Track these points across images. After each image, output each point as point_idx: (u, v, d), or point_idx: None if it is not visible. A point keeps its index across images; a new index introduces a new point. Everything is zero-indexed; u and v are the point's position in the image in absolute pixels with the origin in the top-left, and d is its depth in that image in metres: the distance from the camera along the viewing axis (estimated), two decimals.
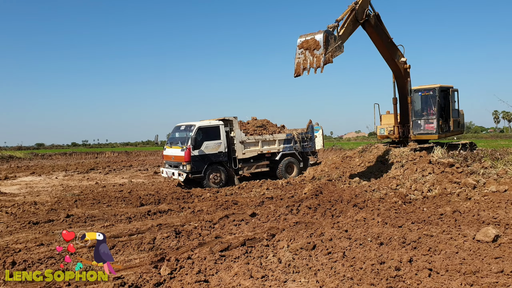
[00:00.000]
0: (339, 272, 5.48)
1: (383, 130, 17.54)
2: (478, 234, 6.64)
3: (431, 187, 11.35)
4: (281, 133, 16.88)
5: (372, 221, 8.17)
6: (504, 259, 5.59)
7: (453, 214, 8.44)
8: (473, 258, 5.72)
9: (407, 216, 8.54)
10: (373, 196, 11.05)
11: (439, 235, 6.96)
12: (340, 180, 13.88)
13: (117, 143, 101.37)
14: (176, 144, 15.08)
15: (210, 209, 10.59)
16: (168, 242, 7.54)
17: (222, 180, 15.01)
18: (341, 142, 61.16)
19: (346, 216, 8.84)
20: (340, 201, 10.50)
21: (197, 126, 14.67)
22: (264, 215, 9.36)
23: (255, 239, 7.43)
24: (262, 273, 5.66)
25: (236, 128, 15.42)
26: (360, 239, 6.96)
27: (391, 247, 6.48)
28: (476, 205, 9.00)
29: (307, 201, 10.61)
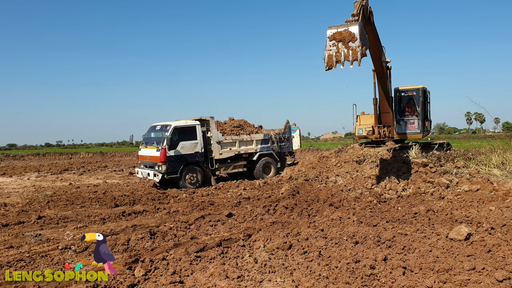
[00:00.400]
0: (315, 271, 5.47)
1: (361, 130, 17.52)
2: (451, 233, 6.73)
3: (405, 186, 11.49)
4: (258, 133, 16.85)
5: (347, 220, 8.20)
6: (476, 256, 5.68)
7: (427, 213, 8.55)
8: (446, 256, 5.79)
9: (382, 215, 8.61)
10: (349, 196, 11.11)
11: (413, 233, 7.03)
12: (317, 180, 13.93)
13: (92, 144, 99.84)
14: (152, 145, 14.88)
15: (186, 210, 10.48)
16: (143, 243, 7.41)
17: (198, 181, 14.88)
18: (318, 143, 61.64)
19: (322, 215, 8.85)
20: (316, 201, 10.52)
21: (173, 126, 14.51)
22: (241, 215, 9.31)
23: (231, 240, 7.37)
24: (238, 273, 5.60)
25: (213, 128, 15.31)
26: (336, 238, 6.97)
27: (366, 246, 6.50)
28: (449, 204, 9.14)
29: (284, 201, 10.60)
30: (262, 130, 17.47)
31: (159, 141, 14.53)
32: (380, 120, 16.52)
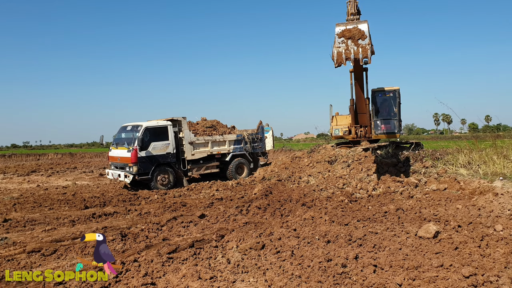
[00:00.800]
0: (287, 270, 5.49)
1: (338, 130, 17.79)
2: (420, 231, 6.88)
3: (375, 186, 11.68)
4: (231, 133, 16.82)
5: (320, 220, 8.27)
6: (444, 254, 5.81)
7: (397, 211, 8.71)
8: (415, 253, 5.91)
9: (353, 214, 8.72)
10: (321, 195, 11.21)
11: (383, 232, 7.15)
12: (290, 180, 14.01)
13: (61, 145, 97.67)
14: (122, 145, 14.64)
15: (157, 211, 10.35)
16: (114, 245, 7.29)
17: (170, 182, 14.73)
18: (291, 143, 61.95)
19: (295, 215, 8.90)
20: (289, 201, 10.58)
21: (144, 126, 14.32)
22: (214, 216, 9.27)
23: (204, 241, 7.32)
24: (211, 274, 5.57)
25: (185, 129, 15.19)
26: (308, 237, 7.02)
27: (338, 244, 6.57)
28: (418, 203, 9.33)
29: (257, 201, 10.61)
30: (235, 131, 17.44)
31: (130, 141, 14.32)
32: (357, 120, 16.74)
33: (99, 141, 17.20)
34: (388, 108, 17.08)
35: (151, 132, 14.45)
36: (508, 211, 7.74)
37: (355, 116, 16.55)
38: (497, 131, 60.11)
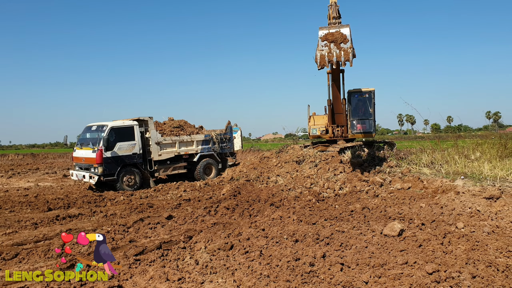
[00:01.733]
0: (256, 270, 5.49)
1: (315, 130, 18.21)
2: (385, 229, 7.02)
3: (342, 185, 11.85)
4: (199, 134, 16.68)
5: (288, 219, 8.32)
6: (409, 251, 5.96)
7: (363, 210, 8.86)
8: (381, 251, 6.03)
9: (320, 214, 8.82)
10: (289, 195, 11.28)
11: (350, 230, 7.25)
12: (258, 180, 14.04)
13: (22, 145, 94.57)
14: (87, 146, 14.30)
15: (123, 212, 10.16)
16: (79, 248, 7.12)
17: (136, 183, 14.49)
18: (259, 143, 62.12)
19: (263, 215, 8.92)
20: (257, 201, 10.59)
21: (110, 126, 14.03)
22: (181, 217, 9.17)
23: (171, 242, 7.24)
24: (179, 275, 5.52)
25: (151, 129, 14.96)
26: (277, 237, 7.05)
27: (306, 243, 6.63)
28: (383, 201, 9.53)
29: (226, 202, 10.58)
30: (203, 131, 17.32)
31: (95, 142, 14.00)
32: (334, 120, 17.00)
33: (63, 141, 16.76)
34: (364, 108, 17.53)
35: (116, 132, 14.16)
36: (469, 209, 8.01)
37: (332, 116, 16.81)
38: (458, 131, 62.12)
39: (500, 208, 7.72)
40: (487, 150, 12.25)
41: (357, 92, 17.39)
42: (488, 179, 9.40)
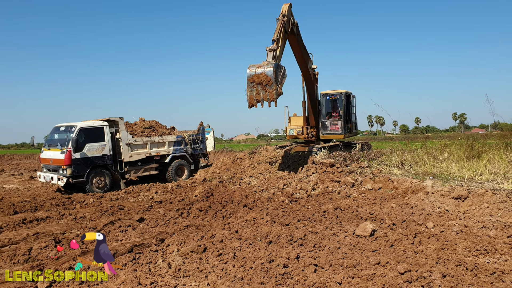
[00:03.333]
0: (229, 273, 5.45)
1: (292, 130, 18.66)
2: (357, 229, 7.09)
3: (314, 186, 11.92)
4: (171, 134, 16.47)
5: (261, 221, 8.30)
6: (381, 251, 6.03)
7: (335, 211, 8.93)
8: (354, 252, 6.08)
9: (293, 214, 8.84)
10: (262, 196, 11.26)
11: (323, 231, 7.30)
12: (231, 182, 13.98)
13: None
14: (55, 147, 13.92)
15: (93, 215, 9.93)
16: (47, 252, 6.92)
17: (106, 185, 14.19)
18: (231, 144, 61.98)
19: (236, 216, 8.88)
20: (230, 202, 10.53)
21: (79, 127, 13.69)
22: (153, 219, 9.03)
23: (143, 245, 7.11)
24: (151, 279, 5.42)
25: (122, 129, 14.68)
26: (250, 239, 7.02)
27: (280, 245, 6.63)
28: (355, 202, 9.62)
29: (198, 203, 10.48)
30: (175, 132, 17.11)
31: (64, 143, 13.64)
32: (309, 121, 17.66)
33: (30, 142, 16.28)
34: (335, 109, 17.95)
35: (86, 133, 13.84)
36: (438, 209, 8.18)
37: (307, 117, 17.45)
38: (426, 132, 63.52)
39: (468, 207, 7.92)
40: (455, 151, 12.52)
41: (328, 94, 17.85)
42: (456, 179, 9.62)
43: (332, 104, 18.17)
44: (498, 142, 12.38)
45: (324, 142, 17.79)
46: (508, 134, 12.67)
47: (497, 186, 8.78)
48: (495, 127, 16.49)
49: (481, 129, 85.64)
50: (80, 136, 13.64)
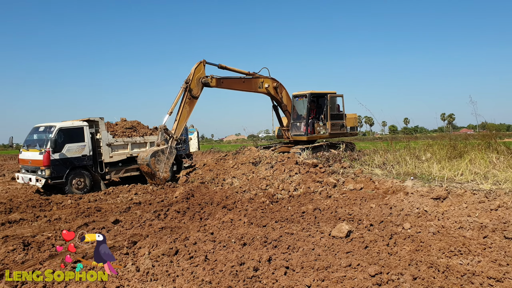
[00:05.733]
0: (198, 276, 5.30)
1: (280, 131, 18.80)
2: (334, 230, 6.99)
3: (297, 186, 11.82)
4: (152, 135, 16.24)
5: (239, 222, 8.17)
6: (354, 253, 5.93)
7: (314, 211, 8.83)
8: (327, 253, 5.97)
9: (272, 216, 8.72)
10: (243, 197, 11.12)
11: (299, 232, 7.18)
12: (213, 183, 13.80)
13: None
14: (34, 147, 13.64)
15: (69, 217, 9.70)
16: (14, 255, 6.72)
17: (86, 186, 13.94)
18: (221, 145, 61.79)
19: (214, 218, 8.73)
20: (210, 204, 10.37)
21: (58, 127, 13.43)
22: (128, 221, 8.84)
23: (114, 248, 6.93)
24: (117, 283, 5.26)
25: (102, 130, 14.42)
26: (225, 241, 6.89)
27: (254, 247, 6.50)
28: (335, 202, 9.54)
29: (177, 205, 10.30)
30: None
31: (42, 143, 13.38)
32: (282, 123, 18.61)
33: (8, 143, 15.99)
34: (300, 111, 18.05)
35: (65, 133, 13.58)
36: (416, 209, 8.11)
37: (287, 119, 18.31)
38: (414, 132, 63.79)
39: (447, 208, 7.86)
40: (437, 151, 12.51)
41: (297, 96, 18.03)
42: (437, 180, 9.57)
43: (299, 106, 18.43)
44: (480, 142, 12.37)
45: (309, 143, 17.76)
46: (490, 134, 12.67)
47: (477, 186, 8.75)
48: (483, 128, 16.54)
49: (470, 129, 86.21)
50: (59, 136, 13.38)
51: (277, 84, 17.68)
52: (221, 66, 16.14)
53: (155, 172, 13.66)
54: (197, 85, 15.16)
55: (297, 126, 18.06)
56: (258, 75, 17.20)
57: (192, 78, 14.87)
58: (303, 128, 17.54)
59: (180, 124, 15.01)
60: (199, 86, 15.23)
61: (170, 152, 14.28)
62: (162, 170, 13.94)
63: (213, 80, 15.46)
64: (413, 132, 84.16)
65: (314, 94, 17.88)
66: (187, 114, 15.17)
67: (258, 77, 17.24)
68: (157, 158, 13.82)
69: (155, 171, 13.68)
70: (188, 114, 15.26)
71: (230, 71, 16.55)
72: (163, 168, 13.95)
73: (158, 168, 13.76)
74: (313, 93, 17.79)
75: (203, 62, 15.18)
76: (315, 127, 17.67)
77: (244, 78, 16.85)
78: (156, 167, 13.71)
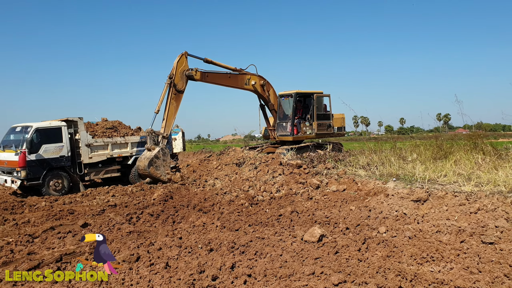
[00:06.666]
0: (153, 285, 4.99)
1: (267, 131, 18.79)
2: (306, 235, 6.68)
3: (279, 187, 11.51)
4: (134, 135, 15.85)
5: (211, 226, 7.87)
6: (323, 259, 5.62)
7: (291, 214, 8.52)
8: (295, 260, 5.66)
9: (247, 219, 8.41)
10: (223, 199, 10.80)
11: (270, 237, 6.88)
12: (195, 184, 13.47)
13: None
14: (10, 148, 13.25)
15: (38, 220, 9.31)
16: None
17: (64, 187, 13.55)
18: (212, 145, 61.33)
19: (187, 222, 8.43)
20: (186, 206, 10.04)
21: (35, 127, 13.05)
22: (98, 225, 8.49)
23: (75, 253, 6.59)
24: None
25: (81, 130, 14.03)
26: (192, 246, 6.58)
27: (220, 253, 6.19)
28: (315, 204, 9.23)
29: (152, 207, 9.97)
30: (141, 132, 16.49)
31: (18, 144, 12.99)
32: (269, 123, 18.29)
33: None
34: (286, 111, 17.77)
35: (42, 134, 13.20)
36: (395, 212, 7.80)
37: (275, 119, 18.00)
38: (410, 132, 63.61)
39: (427, 210, 7.56)
40: (424, 151, 12.23)
41: (282, 95, 17.74)
42: (419, 181, 9.27)
43: (285, 106, 18.16)
44: (466, 142, 12.08)
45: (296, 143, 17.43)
46: (477, 134, 12.38)
47: (458, 188, 8.44)
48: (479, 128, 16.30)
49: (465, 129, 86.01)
50: (35, 136, 13.01)
51: (264, 82, 17.35)
52: (206, 60, 15.75)
53: (158, 177, 13.66)
54: (181, 78, 14.77)
55: (283, 126, 17.74)
56: (245, 71, 16.86)
57: (175, 72, 14.50)
58: (289, 129, 17.22)
59: (169, 121, 14.69)
60: (183, 79, 14.84)
61: (164, 153, 14.14)
62: (164, 173, 13.87)
63: (197, 73, 15.07)
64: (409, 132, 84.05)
65: (300, 93, 17.55)
66: (174, 110, 14.81)
67: (245, 74, 16.90)
68: (155, 165, 13.71)
69: (158, 177, 13.65)
70: (176, 110, 14.91)
71: (216, 65, 16.16)
72: (164, 171, 13.89)
73: (159, 173, 13.71)
74: (299, 92, 17.46)
75: (184, 54, 14.75)
76: (302, 127, 17.33)
77: (230, 74, 16.50)
78: (157, 174, 13.68)
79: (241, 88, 16.98)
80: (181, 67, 14.68)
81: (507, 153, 11.08)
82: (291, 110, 17.39)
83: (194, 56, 15.17)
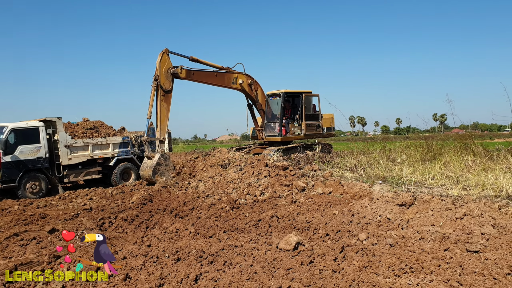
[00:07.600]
0: None
1: (254, 132, 18.52)
2: (281, 242, 6.27)
3: (264, 190, 11.08)
4: (116, 136, 15.37)
5: (184, 232, 7.44)
6: (295, 270, 5.21)
7: (271, 219, 8.11)
8: (265, 271, 5.24)
9: (224, 224, 7.98)
10: (204, 203, 10.34)
11: (244, 244, 6.46)
12: (177, 186, 13.00)
13: None
14: None
15: (5, 225, 8.84)
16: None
17: (42, 190, 13.07)
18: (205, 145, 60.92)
19: (160, 227, 7.98)
20: (163, 211, 9.59)
21: (10, 127, 12.57)
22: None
23: (32, 263, 6.14)
24: None
25: (60, 130, 13.56)
26: (159, 255, 6.15)
27: (187, 262, 5.76)
28: (297, 208, 8.82)
29: (127, 211, 9.53)
30: (124, 133, 16.03)
31: None
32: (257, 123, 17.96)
33: None
34: (274, 111, 17.41)
35: (18, 134, 12.73)
36: (379, 217, 7.39)
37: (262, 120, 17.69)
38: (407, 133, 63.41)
39: (412, 215, 7.15)
40: (413, 153, 11.83)
41: (271, 95, 17.38)
42: (405, 184, 8.85)
43: (273, 105, 17.78)
44: (456, 143, 11.67)
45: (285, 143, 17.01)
46: (467, 135, 11.99)
47: (446, 191, 8.02)
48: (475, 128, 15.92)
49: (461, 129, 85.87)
50: (11, 137, 12.55)
51: (252, 81, 16.96)
52: (192, 58, 15.37)
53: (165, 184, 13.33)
54: (167, 78, 14.34)
55: (271, 127, 17.31)
56: (232, 70, 16.44)
57: (160, 72, 14.04)
58: (277, 129, 16.80)
59: (163, 124, 14.33)
60: (169, 78, 14.40)
61: (164, 158, 13.99)
62: (170, 177, 13.70)
63: (182, 71, 14.65)
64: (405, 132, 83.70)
65: (288, 93, 17.13)
66: (166, 111, 14.41)
67: (232, 72, 16.52)
68: (159, 172, 13.64)
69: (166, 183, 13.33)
70: (168, 111, 14.51)
71: (202, 64, 15.76)
72: (169, 176, 13.76)
73: (166, 179, 13.46)
74: (287, 92, 17.04)
75: (165, 51, 14.27)
76: (290, 127, 16.91)
77: (217, 72, 16.10)
78: (164, 180, 13.42)
79: (228, 87, 16.59)
80: (164, 66, 14.22)
81: (498, 154, 10.69)
82: (279, 110, 16.97)
83: (176, 53, 14.69)
